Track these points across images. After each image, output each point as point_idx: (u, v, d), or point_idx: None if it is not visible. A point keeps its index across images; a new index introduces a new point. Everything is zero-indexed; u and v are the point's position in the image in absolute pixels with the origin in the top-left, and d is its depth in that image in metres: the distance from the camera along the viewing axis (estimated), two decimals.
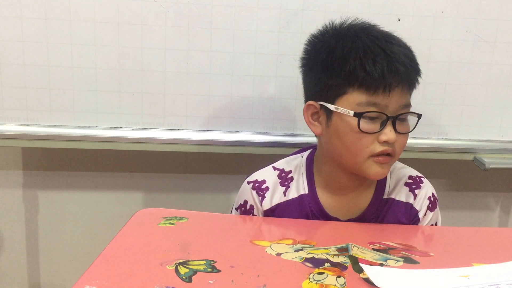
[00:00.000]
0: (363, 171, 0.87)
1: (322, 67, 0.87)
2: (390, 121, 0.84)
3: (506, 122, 1.35)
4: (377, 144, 0.85)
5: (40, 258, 1.53)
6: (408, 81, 0.85)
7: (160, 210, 0.94)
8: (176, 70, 1.25)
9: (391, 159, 0.87)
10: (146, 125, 1.29)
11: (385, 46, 0.84)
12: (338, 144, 0.88)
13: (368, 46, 0.84)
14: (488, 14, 1.27)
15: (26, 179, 1.46)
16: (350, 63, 0.83)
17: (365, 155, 0.85)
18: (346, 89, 0.85)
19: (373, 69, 0.82)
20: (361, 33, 0.86)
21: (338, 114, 0.86)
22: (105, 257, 0.71)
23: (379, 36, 0.86)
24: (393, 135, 0.84)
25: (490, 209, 1.60)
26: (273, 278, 0.67)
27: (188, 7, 1.21)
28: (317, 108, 0.90)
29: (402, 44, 0.88)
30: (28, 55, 1.22)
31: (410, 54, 0.87)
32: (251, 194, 0.96)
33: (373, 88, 0.83)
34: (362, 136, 0.84)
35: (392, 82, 0.82)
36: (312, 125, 0.92)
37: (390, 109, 0.84)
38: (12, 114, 1.25)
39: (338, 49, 0.85)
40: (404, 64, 0.84)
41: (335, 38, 0.88)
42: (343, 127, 0.86)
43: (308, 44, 0.94)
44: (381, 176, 0.89)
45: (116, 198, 1.49)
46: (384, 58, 0.83)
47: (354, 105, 0.84)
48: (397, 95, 0.84)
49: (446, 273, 0.70)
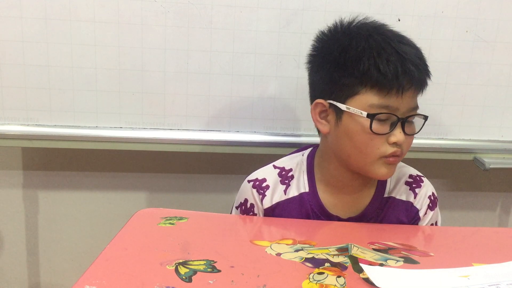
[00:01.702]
0: (371, 172, 0.87)
1: (334, 65, 0.87)
2: (400, 123, 0.84)
3: (506, 122, 1.35)
4: (387, 145, 0.85)
5: (40, 258, 1.53)
6: (420, 83, 0.85)
7: (160, 210, 0.94)
8: (176, 70, 1.25)
9: (398, 159, 0.88)
10: (146, 125, 1.29)
11: (398, 47, 0.84)
12: (347, 144, 0.87)
13: (382, 46, 0.83)
14: (488, 14, 1.27)
15: (26, 179, 1.46)
16: (364, 63, 0.83)
17: (375, 156, 0.85)
18: (359, 89, 0.84)
19: (387, 69, 0.82)
20: (374, 32, 0.86)
21: (349, 114, 0.85)
22: (105, 257, 0.71)
23: (391, 36, 0.86)
24: (402, 137, 0.84)
25: (490, 209, 1.60)
26: (273, 278, 0.67)
27: (188, 7, 1.21)
28: (326, 107, 0.89)
29: (412, 44, 0.88)
30: (28, 55, 1.21)
31: (421, 55, 0.87)
32: (251, 193, 0.96)
33: (386, 89, 0.83)
34: (373, 137, 0.84)
35: (405, 84, 0.82)
36: (320, 124, 0.91)
37: (401, 111, 0.84)
38: (12, 114, 1.25)
39: (352, 48, 0.85)
40: (416, 65, 0.84)
41: (347, 36, 0.87)
42: (354, 127, 0.85)
43: (317, 41, 0.93)
44: (389, 176, 0.89)
45: (116, 198, 1.49)
46: (397, 59, 0.83)
47: (366, 106, 0.84)
48: (408, 98, 0.84)
49: (446, 273, 0.70)
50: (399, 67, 0.82)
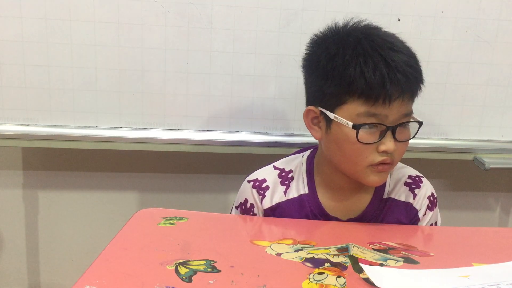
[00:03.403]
0: (362, 179, 0.87)
1: (322, 74, 0.86)
2: (390, 131, 0.83)
3: (506, 122, 1.35)
4: (376, 154, 0.84)
5: (40, 258, 1.53)
6: (410, 91, 0.83)
7: (160, 210, 0.94)
8: (176, 70, 1.25)
9: (390, 167, 0.87)
10: (146, 125, 1.29)
11: (386, 54, 0.81)
12: (337, 152, 0.87)
13: (369, 54, 0.81)
14: (488, 14, 1.27)
15: (26, 179, 1.46)
16: (350, 72, 0.81)
17: (363, 164, 0.85)
18: (346, 98, 0.83)
19: (373, 78, 0.80)
20: (363, 38, 0.84)
21: (337, 123, 0.85)
22: (105, 257, 0.71)
23: (380, 43, 0.83)
24: (392, 145, 0.83)
25: (490, 209, 1.60)
26: (273, 278, 0.67)
27: (188, 7, 1.21)
28: (317, 114, 0.89)
29: (404, 51, 0.84)
30: (28, 55, 1.22)
31: (412, 61, 0.84)
32: (251, 193, 0.96)
33: (373, 98, 0.81)
34: (361, 146, 0.83)
35: (392, 93, 0.80)
36: (312, 130, 0.91)
37: (390, 119, 0.82)
38: (12, 114, 1.25)
39: (339, 56, 0.83)
40: (405, 73, 0.81)
41: (336, 44, 0.85)
42: (342, 136, 0.85)
43: (310, 46, 0.92)
44: (379, 183, 0.88)
45: (116, 198, 1.49)
46: (384, 67, 0.80)
47: (354, 116, 0.83)
48: (397, 106, 0.82)
49: (446, 273, 0.70)
50: (386, 76, 0.80)
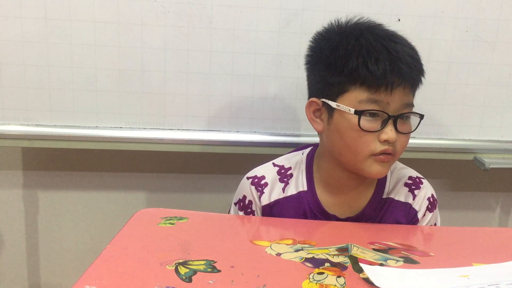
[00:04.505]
0: (363, 170, 0.87)
1: (325, 64, 0.88)
2: (391, 120, 0.84)
3: (506, 122, 1.35)
4: (378, 143, 0.85)
5: (40, 258, 1.53)
6: (411, 81, 0.85)
7: (160, 210, 0.94)
8: (176, 70, 1.25)
9: (392, 158, 0.87)
10: (146, 125, 1.29)
11: (389, 45, 0.84)
12: (339, 142, 0.88)
13: (372, 45, 0.84)
14: (488, 14, 1.26)
15: (26, 179, 1.46)
16: (353, 61, 0.83)
17: (365, 153, 0.85)
18: (348, 87, 0.85)
19: (375, 67, 0.82)
20: (366, 31, 0.86)
21: (339, 112, 0.86)
22: (105, 257, 0.71)
23: (383, 35, 0.86)
24: (393, 135, 0.84)
25: (490, 209, 1.60)
26: (273, 278, 0.67)
27: (188, 7, 1.21)
28: (319, 105, 0.90)
29: (406, 43, 0.87)
30: (28, 55, 1.22)
31: (414, 53, 0.87)
32: (250, 190, 0.97)
33: (375, 86, 0.83)
34: (363, 134, 0.84)
35: (394, 81, 0.82)
36: (314, 122, 0.92)
37: (391, 107, 0.84)
38: (12, 114, 1.25)
39: (342, 46, 0.85)
40: (407, 63, 0.83)
41: (339, 35, 0.88)
42: (344, 124, 0.86)
43: (313, 41, 0.94)
44: (381, 175, 0.88)
45: (116, 198, 1.49)
46: (387, 57, 0.83)
47: (356, 103, 0.84)
48: (399, 94, 0.84)
49: (446, 273, 0.70)
50: (388, 66, 0.82)
